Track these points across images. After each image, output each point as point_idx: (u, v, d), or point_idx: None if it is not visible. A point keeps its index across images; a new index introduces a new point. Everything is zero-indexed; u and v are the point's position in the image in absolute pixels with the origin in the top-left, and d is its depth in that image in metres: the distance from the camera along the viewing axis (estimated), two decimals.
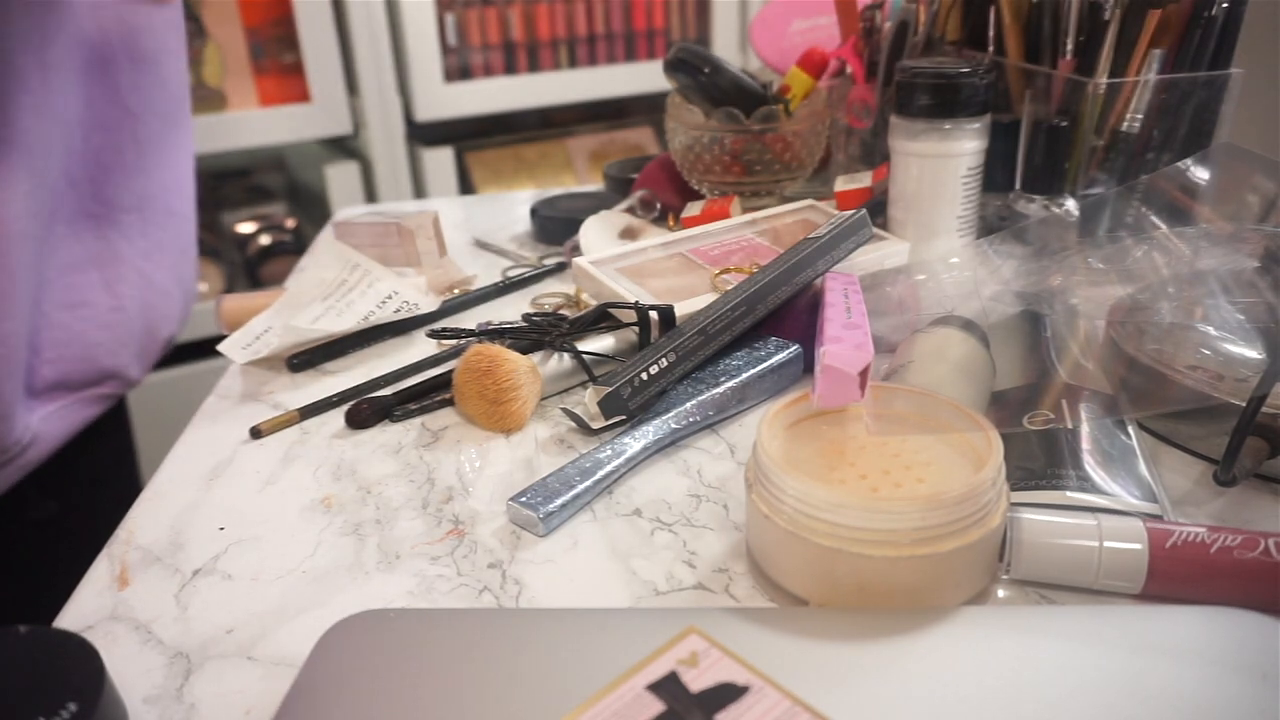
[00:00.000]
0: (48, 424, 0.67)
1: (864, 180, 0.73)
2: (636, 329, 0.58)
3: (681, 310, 0.58)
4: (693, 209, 0.76)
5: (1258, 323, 0.49)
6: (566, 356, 0.57)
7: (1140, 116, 0.62)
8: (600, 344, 0.58)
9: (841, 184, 0.74)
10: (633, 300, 0.59)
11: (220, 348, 0.64)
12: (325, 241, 0.72)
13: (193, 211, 0.78)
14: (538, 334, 0.58)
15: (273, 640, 0.39)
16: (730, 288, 0.58)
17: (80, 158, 0.66)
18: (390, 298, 0.67)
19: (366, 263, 0.70)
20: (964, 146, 0.63)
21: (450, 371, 0.55)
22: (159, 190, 0.73)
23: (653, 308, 0.57)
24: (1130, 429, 0.46)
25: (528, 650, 0.33)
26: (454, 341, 0.63)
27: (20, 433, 0.64)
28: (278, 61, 1.49)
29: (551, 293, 0.74)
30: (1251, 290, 0.51)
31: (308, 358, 0.63)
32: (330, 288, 0.68)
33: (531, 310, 0.70)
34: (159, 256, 0.74)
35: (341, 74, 1.50)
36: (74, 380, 0.69)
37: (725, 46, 1.74)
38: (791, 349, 0.56)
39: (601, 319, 0.60)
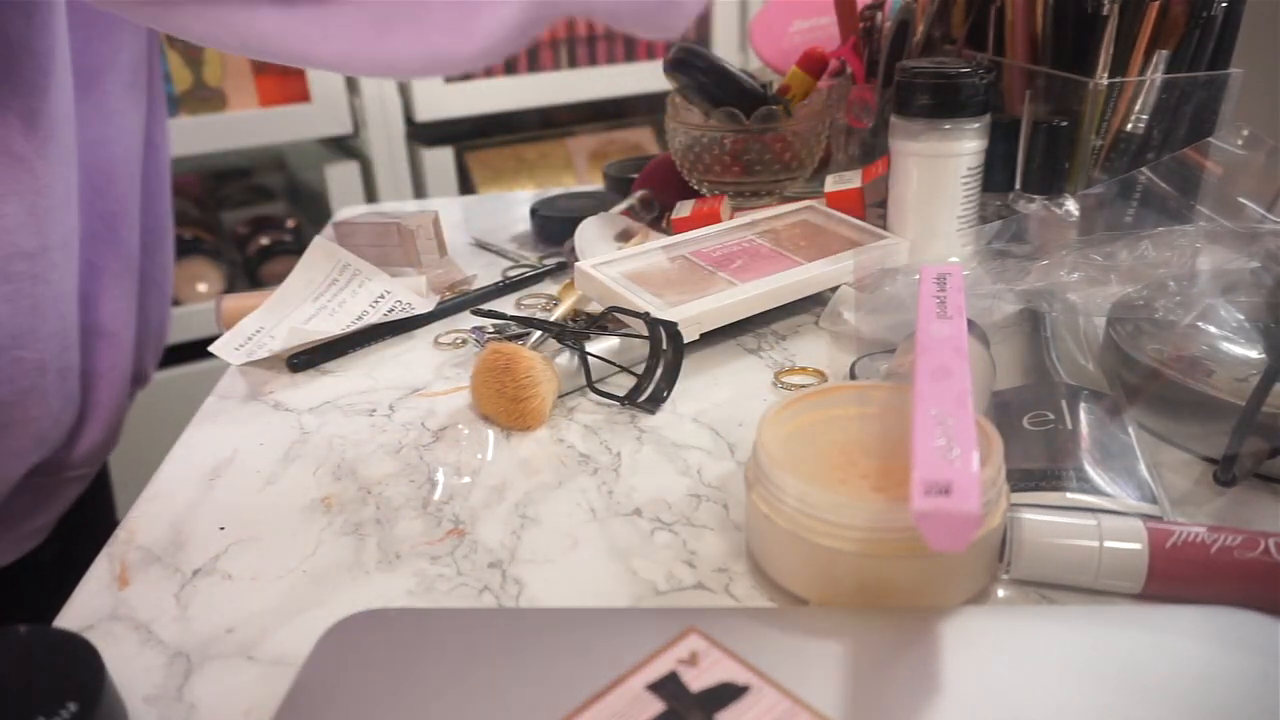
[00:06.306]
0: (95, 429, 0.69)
1: (854, 180, 0.73)
2: (646, 336, 0.58)
3: (683, 317, 0.57)
4: (682, 209, 0.76)
5: (1258, 322, 0.49)
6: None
7: (1145, 117, 0.62)
8: (607, 346, 0.58)
9: (831, 184, 0.74)
10: (639, 305, 0.58)
11: (212, 349, 0.63)
12: (315, 241, 0.72)
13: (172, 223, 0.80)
14: (560, 330, 0.58)
15: (273, 640, 0.39)
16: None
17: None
18: (382, 297, 0.67)
19: (357, 262, 0.70)
20: (964, 146, 0.63)
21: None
22: (166, 211, 0.75)
23: (660, 322, 0.57)
24: (1130, 429, 0.46)
25: (528, 650, 0.33)
26: (489, 324, 0.64)
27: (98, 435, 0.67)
28: None
29: (535, 293, 0.74)
30: (1252, 290, 0.51)
31: (308, 357, 0.63)
32: (319, 288, 0.68)
33: (519, 312, 0.70)
34: (169, 271, 0.76)
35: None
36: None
37: (725, 46, 1.74)
38: None
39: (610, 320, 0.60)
